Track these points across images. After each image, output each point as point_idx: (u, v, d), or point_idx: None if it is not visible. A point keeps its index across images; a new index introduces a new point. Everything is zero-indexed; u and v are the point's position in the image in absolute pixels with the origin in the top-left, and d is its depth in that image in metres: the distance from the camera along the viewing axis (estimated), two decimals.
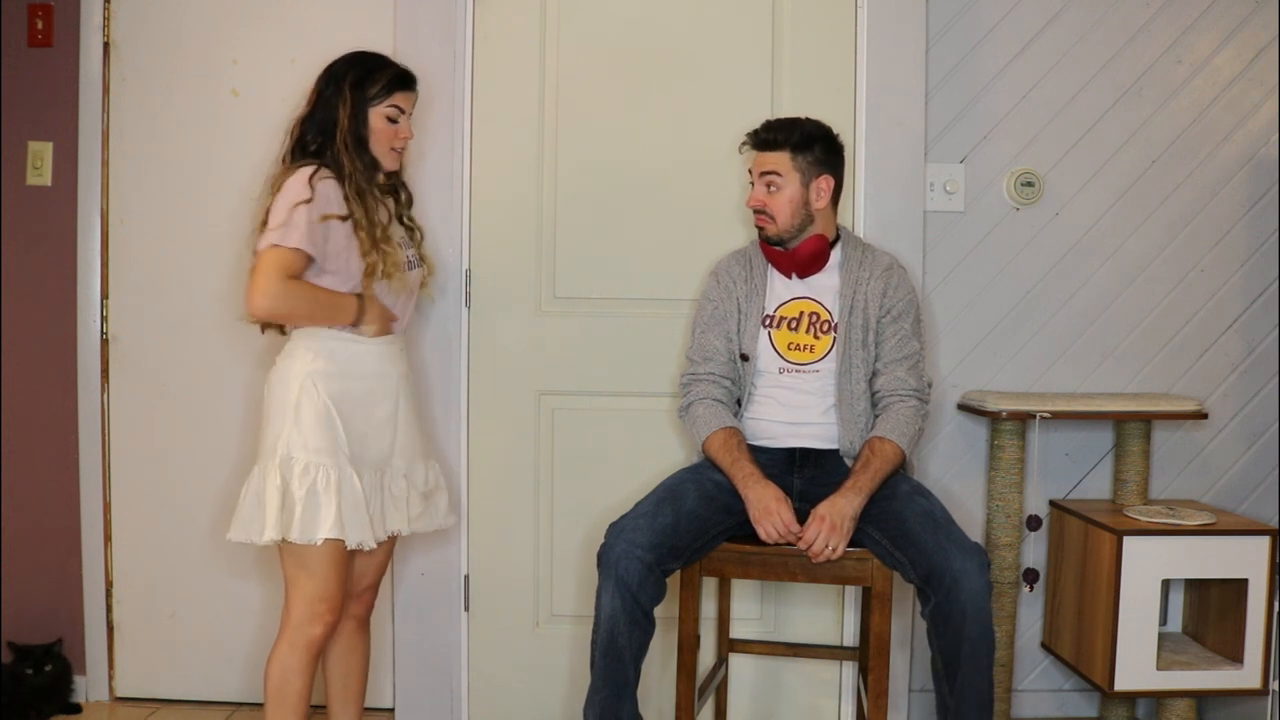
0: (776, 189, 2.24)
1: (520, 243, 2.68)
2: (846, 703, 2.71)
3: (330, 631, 2.08)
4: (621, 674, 2.04)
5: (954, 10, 2.67)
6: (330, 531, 1.99)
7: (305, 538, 1.98)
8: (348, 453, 2.04)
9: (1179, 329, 2.73)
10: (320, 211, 1.99)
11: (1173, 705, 2.48)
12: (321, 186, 2.01)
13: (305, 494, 1.99)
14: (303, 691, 2.06)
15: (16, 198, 2.76)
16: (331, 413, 2.03)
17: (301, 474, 2.00)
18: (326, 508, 1.99)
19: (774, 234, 2.26)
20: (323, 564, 2.02)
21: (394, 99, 2.12)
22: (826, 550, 2.06)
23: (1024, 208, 2.71)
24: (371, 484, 2.10)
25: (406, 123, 2.16)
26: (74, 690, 2.77)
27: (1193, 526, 2.41)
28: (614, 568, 2.02)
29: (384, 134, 2.12)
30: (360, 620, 2.27)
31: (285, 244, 1.96)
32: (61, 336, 2.77)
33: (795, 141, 2.23)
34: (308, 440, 2.01)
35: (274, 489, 2.00)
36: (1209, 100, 2.71)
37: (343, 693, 2.28)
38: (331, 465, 2.01)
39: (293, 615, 2.06)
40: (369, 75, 2.12)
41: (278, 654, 2.06)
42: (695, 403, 2.31)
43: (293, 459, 2.01)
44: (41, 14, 2.73)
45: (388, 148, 2.13)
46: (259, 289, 1.97)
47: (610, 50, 2.67)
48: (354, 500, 2.02)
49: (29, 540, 2.79)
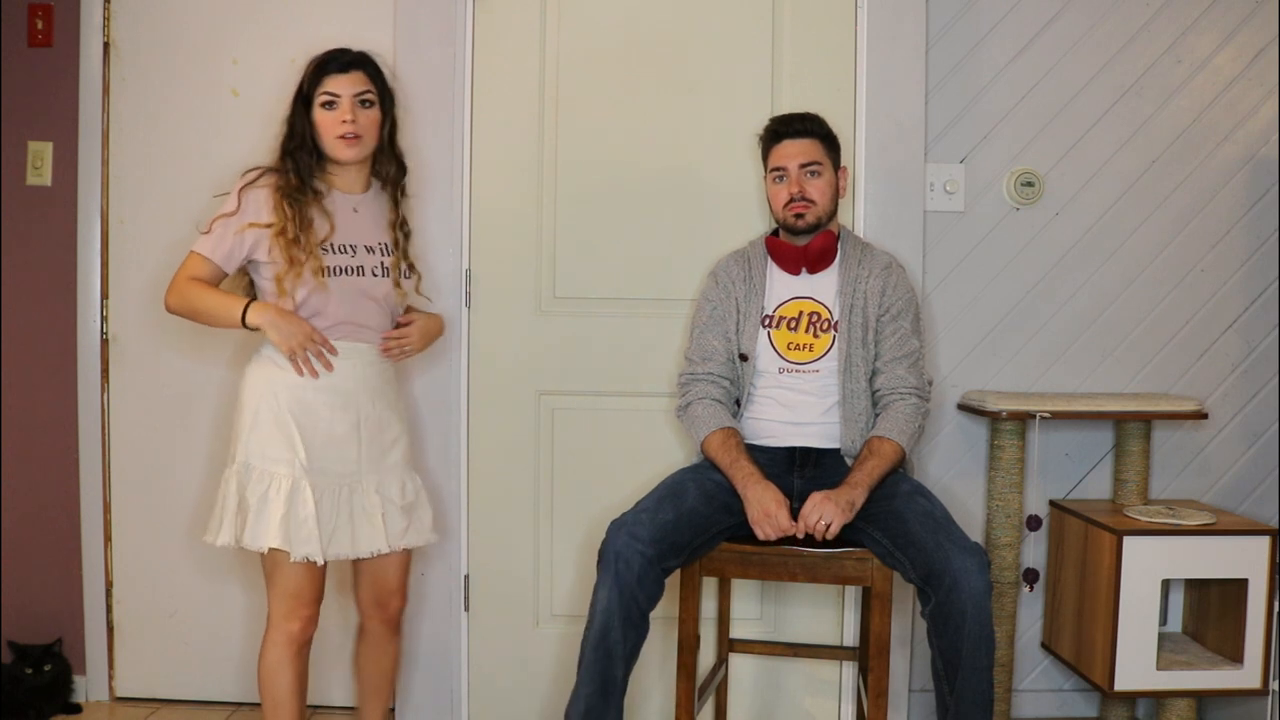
0: (818, 174, 2.28)
1: (520, 243, 2.68)
2: (846, 703, 2.71)
3: (308, 626, 2.10)
4: (610, 672, 2.02)
5: (954, 10, 2.67)
6: (275, 541, 2.00)
7: (254, 545, 2.01)
8: (305, 464, 2.04)
9: (1179, 329, 2.73)
10: (243, 222, 2.07)
11: (1173, 705, 2.48)
12: (251, 196, 2.08)
13: (256, 501, 2.01)
14: (292, 685, 2.09)
15: (16, 198, 2.76)
16: (289, 422, 2.04)
17: (256, 481, 2.02)
18: (274, 517, 2.00)
19: (814, 219, 2.28)
20: (288, 567, 2.04)
21: (324, 85, 2.07)
22: (821, 522, 2.06)
23: (1024, 208, 2.71)
24: (337, 498, 2.08)
25: (348, 107, 2.07)
26: (74, 690, 2.77)
27: (1193, 526, 2.41)
28: (614, 562, 2.01)
29: (324, 123, 2.08)
30: (388, 624, 2.28)
31: (197, 250, 2.09)
32: (61, 336, 2.77)
33: (823, 133, 2.30)
34: (265, 448, 2.04)
35: (231, 494, 2.04)
36: (1209, 100, 2.71)
37: (371, 692, 2.32)
38: (285, 475, 2.02)
39: (271, 613, 2.09)
40: (306, 69, 2.10)
41: (263, 651, 2.10)
42: (694, 403, 2.31)
43: (249, 466, 2.04)
44: (41, 14, 2.73)
45: (332, 137, 2.08)
46: (169, 287, 2.12)
47: (610, 51, 2.67)
48: (304, 512, 2.02)
49: (29, 540, 2.79)
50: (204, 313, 2.09)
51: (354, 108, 2.09)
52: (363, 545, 2.10)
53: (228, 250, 2.07)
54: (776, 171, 2.30)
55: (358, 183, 2.18)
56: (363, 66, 2.12)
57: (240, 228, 2.07)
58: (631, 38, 2.67)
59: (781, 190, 2.29)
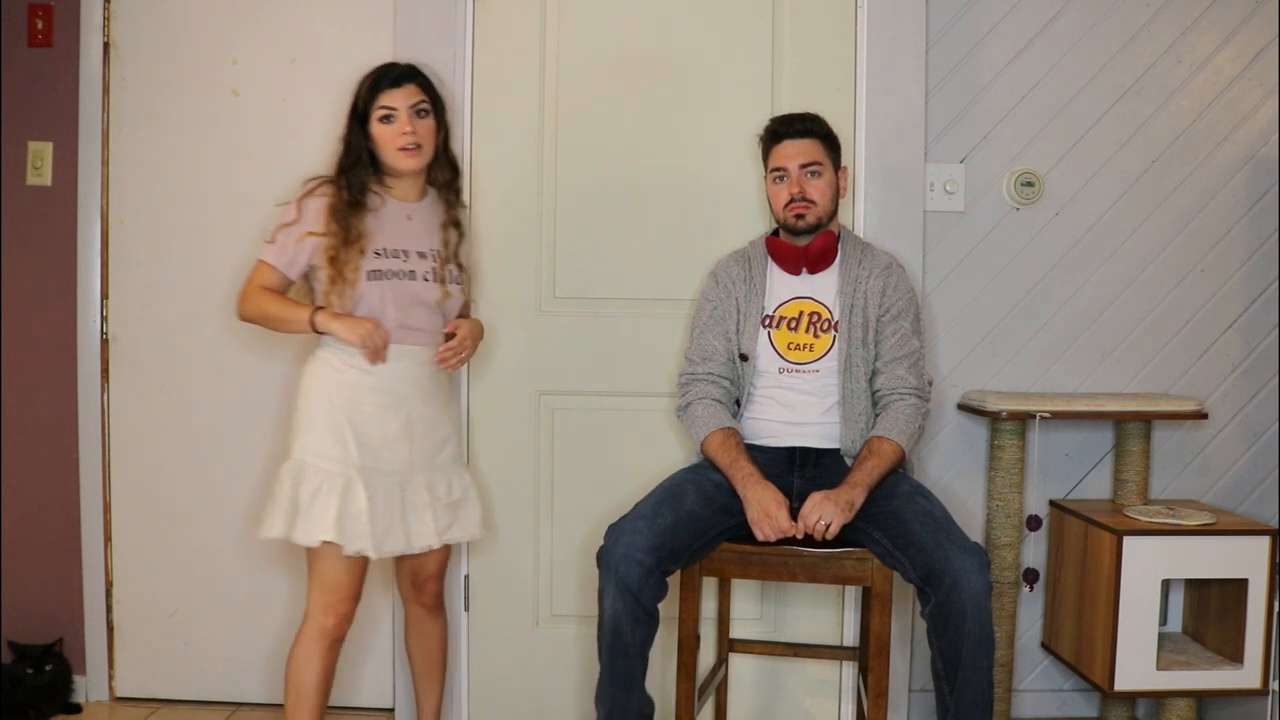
0: (818, 174, 2.28)
1: (520, 243, 2.68)
2: (846, 703, 2.71)
3: (343, 623, 2.15)
4: (629, 668, 2.05)
5: (954, 10, 2.67)
6: (329, 535, 2.06)
7: (306, 540, 2.07)
8: (358, 463, 2.10)
9: (1179, 329, 2.73)
10: (302, 230, 2.12)
11: (1173, 705, 2.48)
12: (309, 205, 2.13)
13: (310, 497, 2.07)
14: (317, 680, 2.14)
15: (16, 198, 2.76)
16: (343, 423, 2.11)
17: (309, 478, 2.08)
18: (326, 513, 2.06)
19: (814, 219, 2.28)
20: (333, 561, 2.10)
21: (381, 100, 2.12)
22: (821, 523, 2.06)
23: (1024, 208, 2.71)
24: (389, 496, 2.13)
25: (406, 119, 2.12)
26: (74, 690, 2.77)
27: (1193, 526, 2.41)
28: (614, 570, 2.02)
29: (384, 137, 2.13)
30: (429, 607, 2.35)
31: (264, 259, 2.16)
32: (61, 336, 2.77)
33: (823, 133, 2.30)
34: (319, 447, 2.10)
35: (285, 489, 2.09)
36: (1209, 100, 2.71)
37: (422, 676, 2.39)
38: (339, 473, 2.09)
39: (309, 607, 2.15)
40: (360, 87, 2.15)
41: (296, 644, 2.15)
42: (694, 403, 2.31)
43: (304, 463, 2.10)
44: (41, 14, 2.73)
45: (393, 149, 2.13)
46: (240, 297, 2.19)
47: (610, 51, 2.67)
48: (356, 508, 2.08)
49: (29, 540, 2.79)
50: (274, 319, 2.14)
51: (411, 119, 2.13)
52: (416, 541, 2.16)
53: (290, 258, 2.14)
54: (777, 172, 2.30)
55: (414, 191, 2.22)
56: (414, 78, 2.16)
57: (300, 236, 2.12)
58: (631, 38, 2.67)
59: (782, 190, 2.29)
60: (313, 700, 2.14)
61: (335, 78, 2.69)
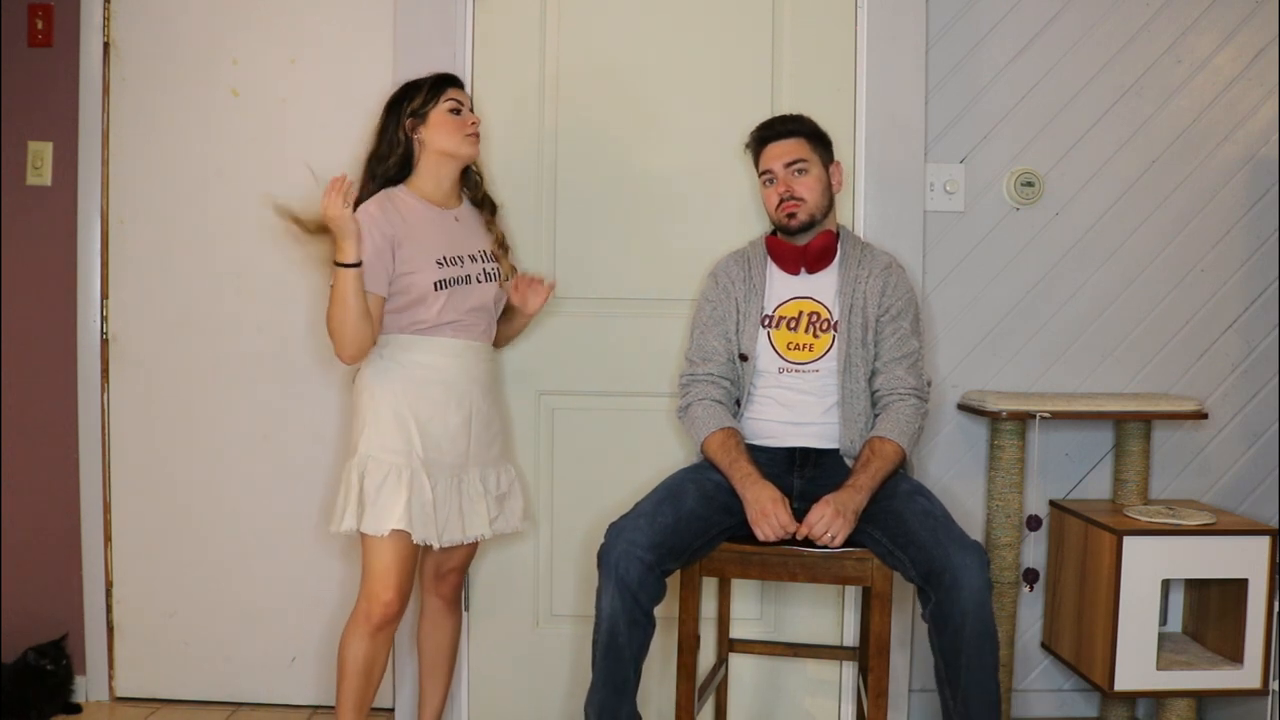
0: (804, 171, 2.28)
1: (520, 243, 2.68)
2: (846, 703, 2.71)
3: (391, 614, 2.21)
4: (621, 674, 2.04)
5: (954, 10, 2.67)
6: (398, 524, 2.14)
7: (375, 530, 2.15)
8: (422, 456, 2.18)
9: (1179, 329, 2.73)
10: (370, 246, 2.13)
11: (1173, 705, 2.48)
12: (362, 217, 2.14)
13: (377, 490, 2.15)
14: (364, 666, 2.21)
15: (16, 198, 2.76)
16: (408, 417, 2.19)
17: (376, 471, 2.16)
18: (395, 504, 2.15)
19: (806, 217, 2.28)
20: (387, 554, 2.17)
21: (448, 94, 2.25)
22: (828, 535, 2.06)
23: (1024, 208, 2.71)
24: (448, 487, 2.23)
25: (469, 113, 2.27)
26: (74, 690, 2.77)
27: (1193, 526, 2.41)
28: (614, 568, 2.02)
29: (453, 126, 2.24)
30: (447, 600, 2.43)
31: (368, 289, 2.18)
32: (61, 336, 2.77)
33: (808, 130, 2.31)
34: (384, 441, 2.18)
35: (353, 484, 2.17)
36: (1209, 100, 2.71)
37: (432, 668, 2.46)
38: (405, 465, 2.17)
39: (360, 596, 2.22)
40: (414, 89, 2.25)
41: (345, 631, 2.23)
42: (694, 403, 2.31)
43: (369, 458, 2.17)
44: (41, 14, 2.73)
45: (462, 135, 2.24)
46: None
47: (609, 52, 2.67)
48: (422, 499, 2.17)
49: (29, 540, 2.79)
50: (337, 316, 2.12)
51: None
52: (470, 531, 2.27)
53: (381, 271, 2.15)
54: (765, 175, 2.31)
55: (452, 196, 2.31)
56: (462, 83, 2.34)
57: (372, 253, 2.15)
58: (631, 38, 2.67)
59: (772, 193, 2.30)
60: (354, 681, 2.20)
61: (335, 78, 2.70)
